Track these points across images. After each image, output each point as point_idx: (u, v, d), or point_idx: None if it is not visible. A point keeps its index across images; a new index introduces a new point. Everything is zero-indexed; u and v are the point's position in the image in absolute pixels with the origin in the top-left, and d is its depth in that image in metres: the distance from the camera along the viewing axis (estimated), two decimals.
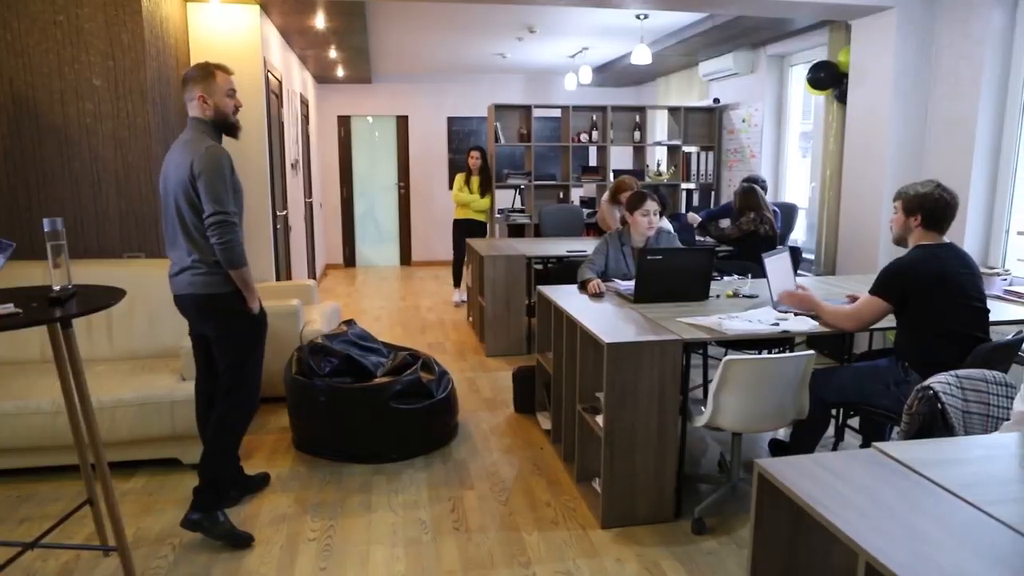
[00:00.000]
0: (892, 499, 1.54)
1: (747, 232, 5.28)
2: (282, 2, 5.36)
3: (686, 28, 6.88)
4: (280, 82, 6.39)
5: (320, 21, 5.99)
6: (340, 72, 8.91)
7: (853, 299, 3.39)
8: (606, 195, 6.60)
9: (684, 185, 8.21)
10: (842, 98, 5.64)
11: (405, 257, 10.74)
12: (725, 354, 2.85)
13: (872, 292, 2.98)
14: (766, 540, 1.79)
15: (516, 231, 7.93)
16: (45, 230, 2.32)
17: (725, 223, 6.24)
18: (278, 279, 5.83)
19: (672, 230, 4.46)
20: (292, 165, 6.93)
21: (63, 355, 2.45)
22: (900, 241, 3.03)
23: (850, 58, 5.41)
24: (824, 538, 1.84)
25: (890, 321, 3.06)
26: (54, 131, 4.16)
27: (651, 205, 4.05)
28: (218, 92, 2.84)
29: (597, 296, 3.80)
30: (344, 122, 10.28)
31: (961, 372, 2.21)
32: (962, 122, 4.64)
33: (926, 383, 2.17)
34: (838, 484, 1.61)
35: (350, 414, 3.65)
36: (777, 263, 3.61)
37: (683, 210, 8.05)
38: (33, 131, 4.13)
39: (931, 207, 2.89)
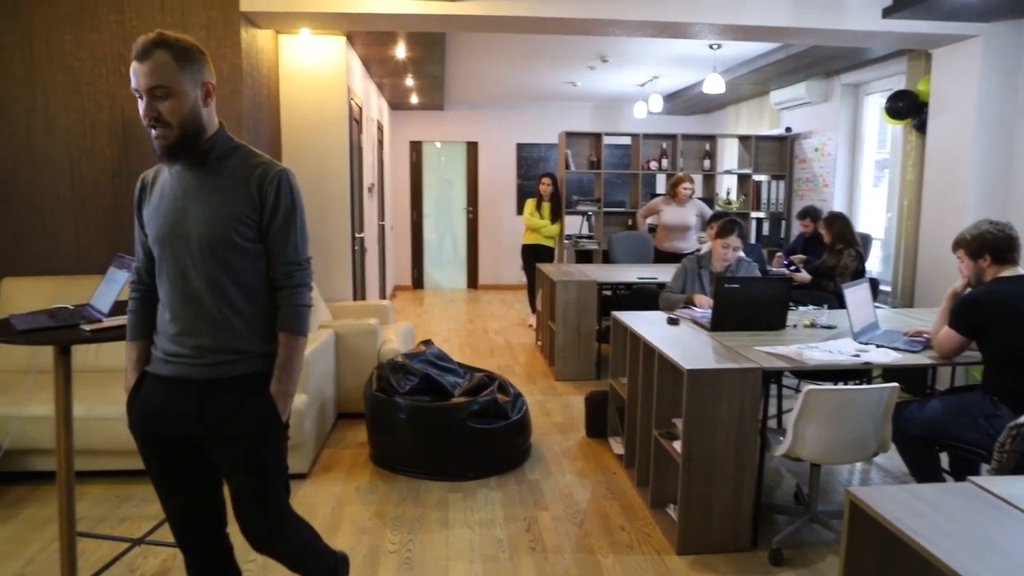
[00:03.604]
0: (993, 532, 1.54)
1: (853, 271, 5.13)
2: (366, 33, 5.61)
3: (759, 58, 6.90)
4: (360, 109, 6.64)
5: (401, 51, 6.23)
6: (414, 99, 9.19)
7: (916, 334, 3.42)
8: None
9: (754, 214, 8.15)
10: (921, 128, 5.56)
11: (472, 280, 10.91)
12: (798, 384, 2.85)
13: (948, 324, 3.05)
14: (857, 573, 1.80)
15: (583, 257, 8.00)
16: None
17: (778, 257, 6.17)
18: (354, 299, 6.01)
19: (752, 260, 4.49)
20: (368, 189, 7.17)
21: None
22: (979, 284, 3.07)
23: (931, 87, 5.34)
24: (918, 573, 1.83)
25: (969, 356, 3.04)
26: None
27: (734, 241, 4.18)
28: None
29: (674, 322, 3.83)
30: (416, 147, 10.56)
31: None
32: None
33: (1020, 420, 2.14)
34: (936, 516, 1.62)
35: (428, 431, 3.75)
36: (857, 294, 3.59)
37: (753, 239, 7.99)
38: (141, 155, 4.41)
39: (993, 244, 2.97)
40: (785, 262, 5.67)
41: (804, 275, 5.32)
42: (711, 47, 6.47)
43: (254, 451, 1.92)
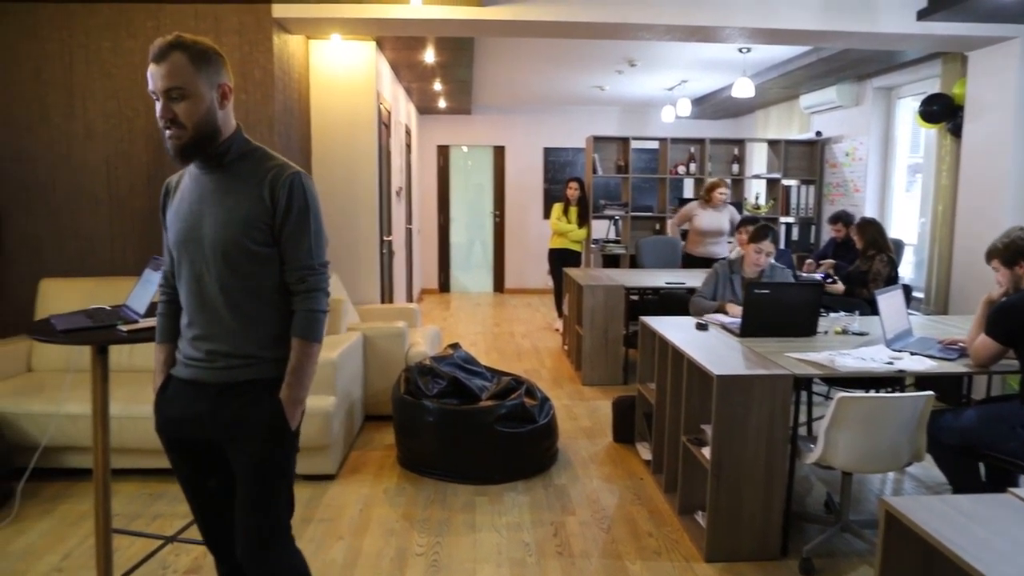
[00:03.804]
0: None
1: (886, 277, 5.03)
2: (395, 38, 5.65)
3: (789, 61, 6.84)
4: (389, 113, 6.69)
5: (430, 55, 6.27)
6: (442, 103, 9.24)
7: (951, 343, 3.36)
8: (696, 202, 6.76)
9: (783, 219, 8.07)
10: (956, 131, 5.47)
11: (498, 284, 10.93)
12: (828, 392, 2.82)
13: (984, 331, 3.00)
14: None
15: (611, 261, 7.98)
16: None
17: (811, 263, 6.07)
18: (381, 302, 6.05)
19: (784, 266, 4.45)
20: (397, 192, 7.22)
21: None
22: (1017, 292, 3.02)
23: (967, 90, 5.26)
24: None
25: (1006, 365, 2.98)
26: None
27: (767, 246, 4.13)
28: None
29: (702, 328, 3.80)
30: (444, 151, 10.62)
31: None
32: None
33: None
34: (975, 528, 1.59)
35: (456, 435, 3.76)
36: (890, 300, 3.54)
37: (782, 244, 7.91)
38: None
39: None
40: (822, 274, 5.60)
41: (839, 286, 5.25)
42: (740, 51, 6.42)
43: (260, 455, 1.89)
